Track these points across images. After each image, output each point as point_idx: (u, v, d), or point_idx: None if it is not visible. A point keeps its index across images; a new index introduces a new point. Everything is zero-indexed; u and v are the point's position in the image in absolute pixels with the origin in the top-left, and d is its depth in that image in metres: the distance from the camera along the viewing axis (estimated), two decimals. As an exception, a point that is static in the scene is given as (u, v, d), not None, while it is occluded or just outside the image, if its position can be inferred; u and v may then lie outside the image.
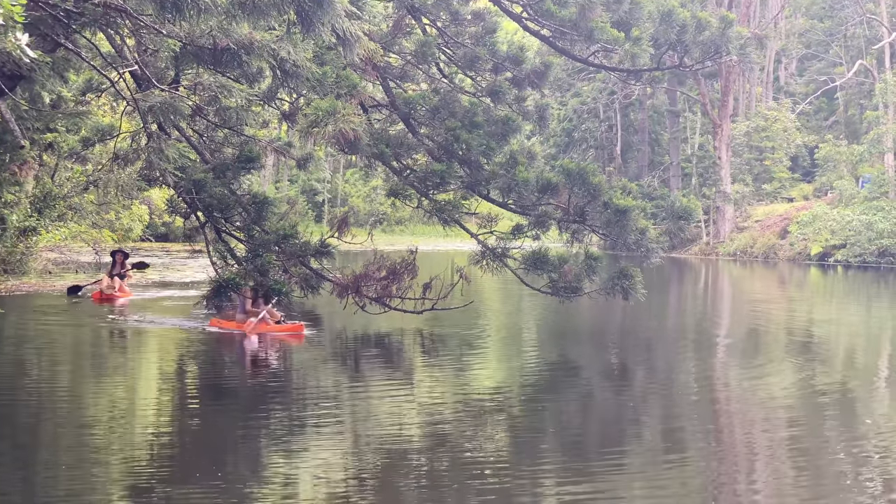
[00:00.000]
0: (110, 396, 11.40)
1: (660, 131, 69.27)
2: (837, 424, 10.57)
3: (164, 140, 12.07)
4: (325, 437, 9.47)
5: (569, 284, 16.32)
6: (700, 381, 13.62)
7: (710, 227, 57.67)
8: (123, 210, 32.42)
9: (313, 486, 7.63)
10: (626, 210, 15.61)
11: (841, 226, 48.88)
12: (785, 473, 8.39)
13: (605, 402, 11.92)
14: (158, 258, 38.92)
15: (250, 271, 15.69)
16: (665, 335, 19.69)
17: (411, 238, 32.82)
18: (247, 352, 15.21)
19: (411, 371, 14.10)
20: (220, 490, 7.43)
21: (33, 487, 7.54)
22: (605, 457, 8.85)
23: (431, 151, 17.44)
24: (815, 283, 38.44)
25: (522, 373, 14.17)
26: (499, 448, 9.17)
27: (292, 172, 74.37)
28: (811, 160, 64.22)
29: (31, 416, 10.35)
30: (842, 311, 26.09)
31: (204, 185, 15.72)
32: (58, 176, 26.34)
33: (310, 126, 12.85)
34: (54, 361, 14.46)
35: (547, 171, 16.91)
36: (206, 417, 10.59)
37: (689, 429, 10.28)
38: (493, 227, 17.19)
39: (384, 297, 16.44)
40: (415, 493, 7.43)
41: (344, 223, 17.45)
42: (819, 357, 16.21)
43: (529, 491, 7.54)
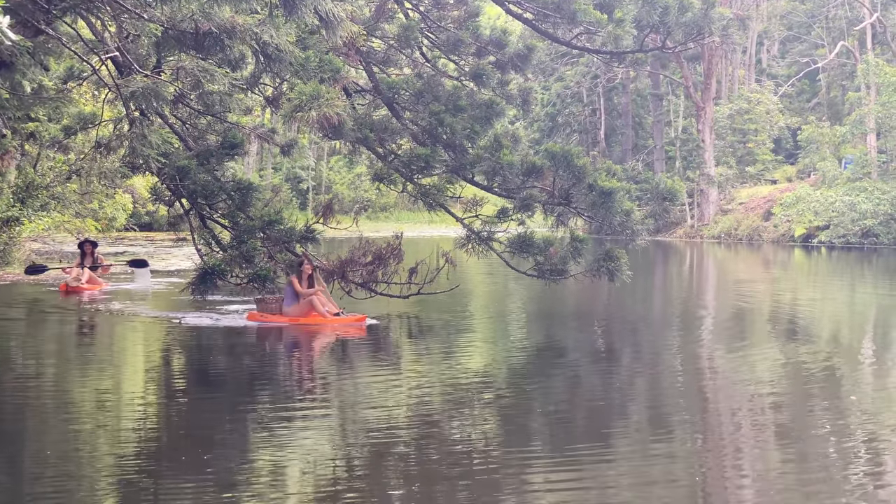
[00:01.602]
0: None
1: (643, 115, 69.38)
2: (822, 403, 10.61)
3: (146, 126, 12.02)
4: (312, 422, 9.46)
5: (554, 267, 16.35)
6: (685, 362, 13.66)
7: (695, 209, 57.80)
8: (106, 199, 32.29)
9: (301, 472, 7.62)
10: (611, 192, 15.62)
11: (824, 207, 49.03)
12: (770, 453, 8.42)
13: (592, 384, 11.94)
14: (143, 247, 38.78)
15: (235, 257, 15.65)
16: (651, 317, 19.74)
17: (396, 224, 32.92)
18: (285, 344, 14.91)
19: (398, 355, 14.09)
20: (208, 475, 7.42)
21: (20, 477, 7.51)
22: (592, 439, 8.86)
23: (415, 136, 17.42)
24: (799, 265, 38.58)
25: (509, 356, 14.19)
26: (486, 431, 9.17)
27: (276, 160, 74.18)
28: (794, 142, 64.40)
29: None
30: (826, 291, 26.19)
31: (188, 171, 15.67)
32: (40, 165, 26.19)
33: (293, 111, 12.82)
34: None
35: (531, 155, 16.92)
36: (192, 405, 10.57)
37: (674, 410, 10.31)
38: (479, 210, 17.19)
39: (370, 282, 16.45)
40: (402, 478, 7.43)
41: (328, 209, 17.44)
42: (804, 337, 16.27)
43: (517, 474, 7.55)
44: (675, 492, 7.17)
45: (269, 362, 13.56)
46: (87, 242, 22.90)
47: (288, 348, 14.60)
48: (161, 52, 15.12)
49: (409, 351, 14.36)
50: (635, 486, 7.23)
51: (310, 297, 15.77)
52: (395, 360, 13.75)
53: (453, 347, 14.61)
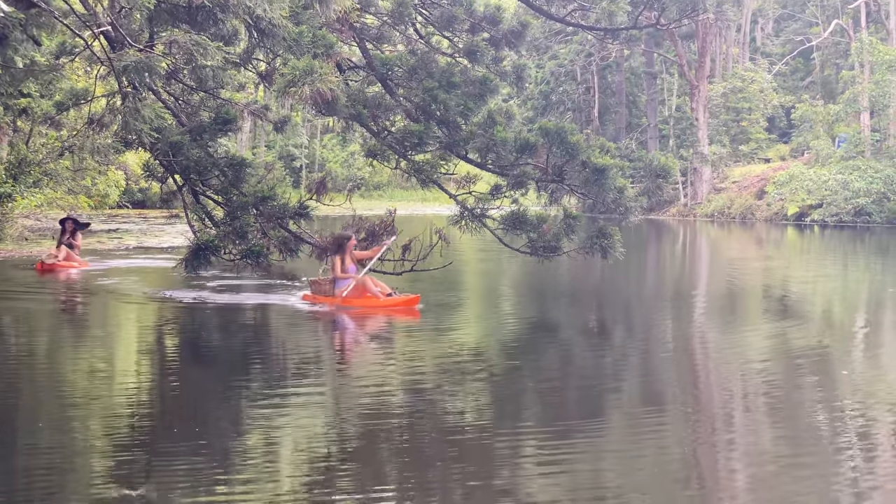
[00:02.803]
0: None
1: (637, 93, 69.27)
2: (813, 379, 10.65)
3: (139, 100, 11.99)
4: (305, 399, 9.48)
5: (547, 244, 16.35)
6: (678, 339, 13.70)
7: (688, 188, 57.83)
8: (99, 176, 32.21)
9: (293, 449, 7.64)
10: (605, 169, 15.62)
11: (817, 185, 49.07)
12: (762, 428, 8.46)
13: (584, 360, 11.97)
14: (136, 224, 38.75)
15: (229, 233, 15.63)
16: (643, 295, 19.78)
17: (390, 202, 32.93)
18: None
19: (391, 332, 14.12)
20: (201, 447, 7.44)
21: (13, 451, 7.53)
22: (584, 414, 8.90)
23: (409, 112, 17.38)
24: (791, 243, 38.64)
25: (502, 332, 14.21)
26: (479, 408, 9.20)
27: (269, 138, 74.04)
28: (788, 121, 64.38)
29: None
30: (818, 270, 26.25)
31: (181, 147, 15.63)
32: (32, 142, 26.12)
33: (287, 86, 12.79)
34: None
35: (525, 132, 16.90)
36: (184, 380, 10.59)
37: (666, 386, 10.35)
38: (472, 187, 17.17)
39: (363, 258, 16.42)
40: (394, 453, 7.45)
41: (322, 186, 17.41)
42: (795, 315, 16.32)
43: (510, 450, 7.57)
44: (666, 466, 7.20)
45: (261, 339, 13.57)
46: (69, 220, 22.29)
47: (277, 325, 14.60)
48: (154, 27, 15.06)
49: (402, 327, 14.37)
50: (627, 461, 7.26)
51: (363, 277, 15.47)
52: (388, 337, 13.78)
53: (447, 324, 14.63)
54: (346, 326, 14.32)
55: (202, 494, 6.33)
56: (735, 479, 6.96)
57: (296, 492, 6.50)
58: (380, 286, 15.49)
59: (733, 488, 6.76)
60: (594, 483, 6.72)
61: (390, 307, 15.11)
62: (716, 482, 6.90)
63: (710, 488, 6.76)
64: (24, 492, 6.32)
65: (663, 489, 6.61)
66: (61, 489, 6.48)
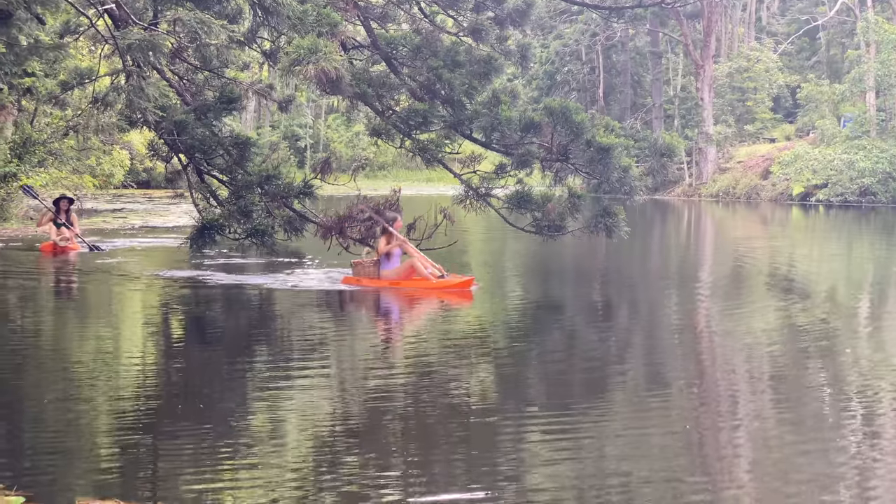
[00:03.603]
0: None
1: (642, 73, 69.10)
2: (818, 357, 10.66)
3: (144, 79, 11.99)
4: (310, 379, 9.51)
5: (552, 223, 16.34)
6: (682, 319, 13.71)
7: (693, 168, 57.72)
8: (104, 156, 32.21)
9: (299, 428, 7.67)
10: (609, 148, 15.59)
11: (823, 165, 48.98)
12: (766, 408, 8.47)
13: (589, 339, 11.99)
14: (140, 204, 38.78)
15: (233, 212, 15.64)
16: (648, 274, 19.79)
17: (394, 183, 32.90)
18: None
19: (396, 311, 14.15)
20: (206, 426, 7.47)
21: (19, 428, 7.57)
22: (588, 394, 8.91)
23: (413, 92, 17.35)
24: (796, 223, 38.61)
25: (507, 312, 14.22)
26: (484, 388, 9.22)
27: (274, 118, 73.99)
28: (793, 100, 64.18)
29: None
30: (823, 249, 26.23)
31: (185, 126, 15.63)
32: (37, 121, 26.12)
33: (291, 64, 12.75)
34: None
35: (530, 111, 16.86)
36: (190, 360, 10.63)
37: (671, 365, 10.36)
38: (477, 166, 17.15)
39: (368, 238, 16.43)
40: (399, 433, 7.46)
41: (326, 165, 17.41)
42: (800, 294, 16.32)
43: (515, 431, 7.58)
44: (670, 445, 7.22)
45: (266, 318, 13.60)
46: (64, 199, 21.74)
47: (283, 304, 14.61)
48: (158, 5, 15.05)
49: (406, 306, 14.40)
50: (631, 440, 7.27)
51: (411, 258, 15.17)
52: (392, 316, 13.81)
53: (451, 303, 14.65)
54: (355, 307, 14.32)
55: (207, 473, 6.36)
56: (740, 460, 6.98)
57: (301, 471, 6.52)
58: (431, 267, 15.18)
59: (738, 469, 6.78)
60: (599, 464, 6.73)
61: (443, 289, 14.80)
62: (720, 463, 6.91)
63: (715, 469, 6.77)
64: (30, 470, 6.35)
65: (668, 470, 6.63)
66: (67, 467, 6.52)
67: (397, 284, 15.06)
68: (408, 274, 15.17)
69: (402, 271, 15.22)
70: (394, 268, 15.29)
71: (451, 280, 14.91)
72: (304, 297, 14.68)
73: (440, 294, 14.61)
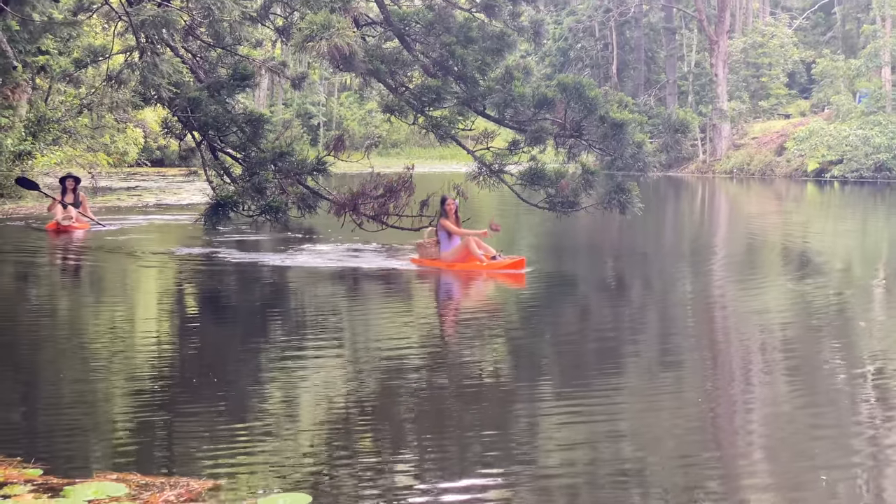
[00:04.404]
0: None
1: (656, 49, 68.77)
2: (832, 333, 10.65)
3: (157, 55, 11.99)
4: (324, 355, 9.55)
5: (566, 199, 16.32)
6: (696, 295, 13.70)
7: (707, 144, 57.50)
8: (118, 134, 32.28)
9: (312, 404, 7.71)
10: (623, 123, 15.55)
11: (838, 141, 48.75)
12: (780, 383, 8.47)
13: (602, 315, 12.00)
14: (154, 182, 38.87)
15: (247, 189, 15.67)
16: (662, 250, 19.77)
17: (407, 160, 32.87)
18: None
19: (409, 287, 14.18)
20: (220, 399, 7.52)
21: (36, 404, 7.63)
22: (601, 370, 8.92)
23: (426, 68, 17.32)
24: (811, 199, 38.47)
25: (520, 288, 14.22)
26: (498, 363, 9.24)
27: (287, 96, 73.95)
28: (808, 76, 63.84)
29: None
30: (838, 225, 26.15)
31: (199, 103, 15.65)
32: (51, 99, 26.19)
33: (304, 41, 12.75)
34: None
35: (543, 87, 16.82)
36: (204, 336, 10.69)
37: (684, 341, 10.38)
38: (490, 142, 17.14)
39: (381, 214, 16.45)
40: (412, 409, 7.49)
41: (339, 142, 17.41)
42: (815, 270, 16.30)
43: (528, 406, 7.60)
44: (684, 422, 7.23)
45: (279, 294, 13.65)
46: (70, 178, 21.38)
47: (297, 280, 14.65)
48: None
49: (420, 283, 14.42)
50: (645, 417, 7.27)
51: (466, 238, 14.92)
52: (405, 292, 13.84)
53: (464, 279, 14.67)
54: (373, 286, 14.34)
55: (222, 447, 6.40)
56: (753, 435, 6.99)
57: (315, 447, 6.56)
58: (484, 248, 14.96)
59: (751, 444, 6.79)
60: (612, 440, 6.75)
61: (494, 270, 14.63)
62: (733, 438, 6.92)
63: (728, 444, 6.79)
64: (47, 444, 6.40)
65: (681, 446, 6.64)
66: (83, 442, 6.57)
67: (453, 266, 14.92)
68: (464, 256, 14.96)
69: (458, 253, 15.02)
70: (451, 249, 15.11)
71: (503, 261, 14.74)
72: (321, 276, 14.72)
73: (492, 275, 14.43)
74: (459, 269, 14.87)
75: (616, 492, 5.58)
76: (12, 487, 5.34)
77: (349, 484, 5.68)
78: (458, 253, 15.00)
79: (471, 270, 14.75)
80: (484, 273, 14.56)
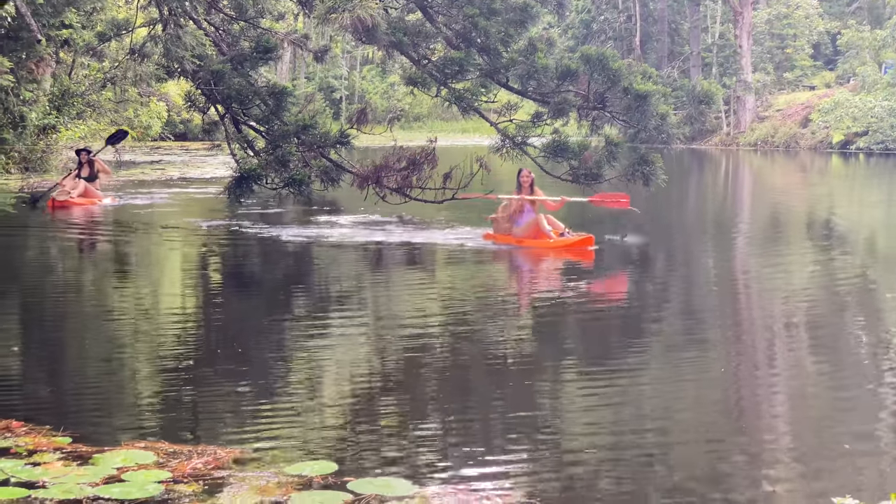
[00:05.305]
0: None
1: (679, 21, 68.23)
2: (857, 308, 10.61)
3: (181, 27, 11.99)
4: (349, 328, 9.60)
5: (589, 171, 16.23)
6: (719, 268, 13.67)
7: (731, 117, 57.13)
8: (142, 107, 32.37)
9: (335, 378, 7.75)
10: (647, 95, 15.45)
11: (863, 112, 48.36)
12: (804, 359, 8.46)
13: (626, 290, 11.99)
14: (178, 156, 38.99)
15: (271, 162, 15.69)
16: (685, 223, 19.71)
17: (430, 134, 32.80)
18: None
19: (432, 262, 14.19)
20: (244, 370, 7.57)
21: (63, 377, 7.70)
22: (625, 346, 8.91)
23: (449, 40, 17.25)
24: (836, 171, 38.23)
25: (542, 263, 14.21)
26: (520, 338, 9.25)
27: (309, 70, 73.90)
28: (833, 47, 63.26)
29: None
30: (863, 197, 25.99)
31: (222, 75, 15.63)
32: (75, 73, 26.28)
33: (327, 12, 12.72)
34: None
35: (566, 59, 16.73)
36: (229, 307, 10.75)
37: (708, 316, 10.36)
38: (513, 115, 17.07)
39: (404, 187, 16.41)
40: (435, 384, 7.50)
41: (362, 115, 17.37)
42: (840, 243, 16.22)
43: (551, 382, 7.62)
44: (707, 395, 7.24)
45: (302, 268, 13.70)
46: (84, 151, 20.89)
47: (320, 253, 14.68)
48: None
49: (443, 256, 14.44)
50: (668, 392, 7.27)
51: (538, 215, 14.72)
52: (429, 265, 13.86)
53: (487, 253, 14.67)
54: (399, 261, 14.36)
55: (247, 417, 6.45)
56: (778, 408, 6.99)
57: (337, 418, 6.61)
58: (553, 225, 14.70)
59: (775, 417, 6.79)
60: (635, 415, 6.76)
61: (561, 248, 14.35)
62: (758, 411, 6.92)
63: (752, 417, 6.78)
64: (75, 413, 6.48)
65: (705, 421, 6.64)
66: (111, 411, 6.64)
67: (522, 242, 14.76)
68: (535, 232, 14.74)
69: (529, 229, 14.81)
70: (523, 224, 14.91)
71: (570, 238, 14.52)
72: (347, 250, 14.76)
73: (558, 253, 14.23)
74: (529, 245, 14.65)
75: (640, 468, 5.59)
76: (42, 455, 5.41)
77: (374, 453, 5.71)
78: (529, 229, 14.80)
79: (538, 247, 14.53)
80: (551, 251, 14.33)
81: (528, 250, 14.55)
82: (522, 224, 14.91)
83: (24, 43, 19.63)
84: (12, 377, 7.50)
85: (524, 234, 14.82)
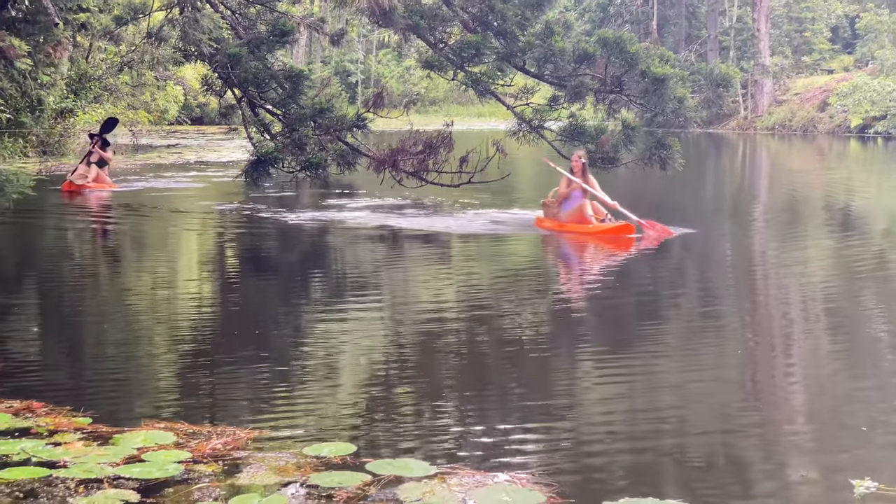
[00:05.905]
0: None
1: (697, 4, 67.83)
2: (874, 293, 10.56)
3: (198, 10, 11.99)
4: (366, 311, 9.61)
5: (606, 155, 16.21)
6: (736, 252, 13.64)
7: (748, 101, 56.88)
8: (158, 91, 32.43)
9: (353, 357, 7.77)
10: (664, 78, 15.42)
11: (881, 96, 48.08)
12: (821, 344, 8.42)
13: (641, 273, 11.98)
14: (194, 140, 39.06)
15: (287, 145, 15.71)
16: (703, 206, 19.65)
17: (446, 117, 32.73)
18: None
19: (448, 245, 14.20)
20: (262, 351, 7.60)
21: (83, 354, 7.75)
22: (641, 329, 8.90)
23: (466, 23, 17.23)
24: (854, 155, 38.04)
25: (558, 246, 14.20)
26: (536, 321, 9.24)
27: (325, 53, 73.87)
28: (852, 30, 62.88)
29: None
30: (882, 182, 25.85)
31: (239, 59, 15.65)
32: (92, 57, 26.33)
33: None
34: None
35: (583, 42, 16.69)
36: (247, 290, 10.78)
37: (724, 299, 10.34)
38: (529, 98, 17.04)
39: (421, 170, 16.41)
40: (451, 367, 7.51)
41: (379, 99, 17.36)
42: (857, 228, 16.16)
43: (567, 362, 7.63)
44: (724, 383, 7.23)
45: (318, 252, 13.73)
46: (95, 134, 20.85)
47: (335, 237, 14.71)
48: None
49: (459, 239, 14.44)
50: (684, 376, 7.25)
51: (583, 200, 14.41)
52: (445, 249, 13.87)
53: (503, 237, 14.67)
54: (415, 245, 14.37)
55: (267, 398, 6.48)
56: (793, 391, 6.98)
57: (354, 399, 6.63)
58: (596, 211, 14.40)
59: (791, 400, 6.78)
60: (652, 398, 6.76)
61: (601, 234, 14.13)
62: (774, 398, 6.90)
63: (769, 403, 6.77)
64: (95, 394, 6.51)
65: (722, 406, 6.63)
66: (130, 392, 6.68)
67: (563, 227, 14.53)
68: (579, 217, 14.45)
69: (574, 214, 14.54)
70: (569, 209, 14.67)
71: (609, 225, 14.27)
72: (361, 234, 14.78)
73: (598, 240, 13.99)
74: (571, 230, 14.38)
75: (657, 453, 5.58)
76: (63, 435, 5.45)
77: (391, 435, 5.73)
78: (574, 214, 14.53)
79: (578, 234, 14.24)
80: (590, 236, 14.11)
81: (566, 237, 14.28)
82: (569, 209, 14.67)
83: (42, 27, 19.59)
84: (33, 358, 7.56)
85: (568, 219, 14.58)
